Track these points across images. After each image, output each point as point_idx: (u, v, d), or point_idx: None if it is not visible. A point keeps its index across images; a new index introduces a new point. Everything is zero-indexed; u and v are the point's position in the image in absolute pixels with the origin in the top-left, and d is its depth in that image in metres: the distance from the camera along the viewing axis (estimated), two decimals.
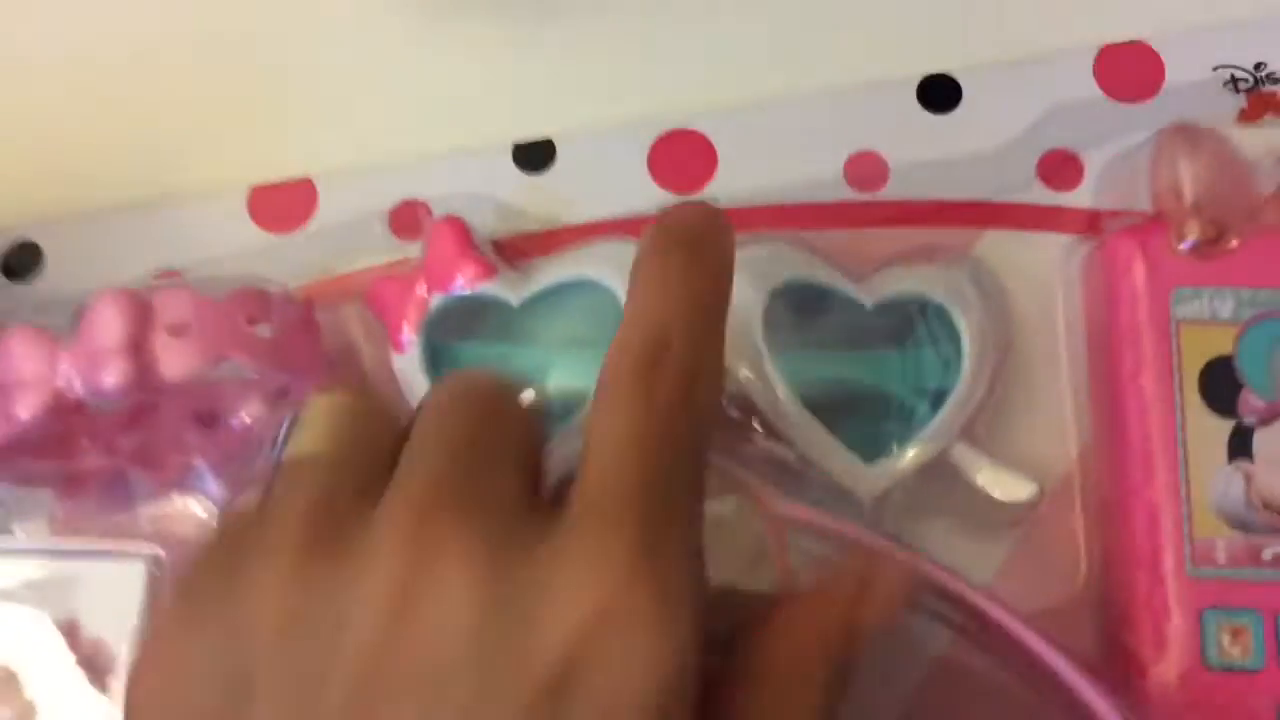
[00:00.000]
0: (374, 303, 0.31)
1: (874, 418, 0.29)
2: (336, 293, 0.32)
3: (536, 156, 0.34)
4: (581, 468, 0.18)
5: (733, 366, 0.28)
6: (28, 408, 0.25)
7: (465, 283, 0.30)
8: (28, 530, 0.31)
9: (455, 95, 0.35)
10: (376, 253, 0.33)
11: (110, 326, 0.26)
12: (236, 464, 0.30)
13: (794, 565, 0.26)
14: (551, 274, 0.30)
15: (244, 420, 0.29)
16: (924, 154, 0.33)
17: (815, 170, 0.33)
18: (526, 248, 0.33)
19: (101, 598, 0.30)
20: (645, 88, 0.35)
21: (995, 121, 0.33)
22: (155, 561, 0.30)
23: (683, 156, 0.34)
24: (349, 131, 0.35)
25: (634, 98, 0.34)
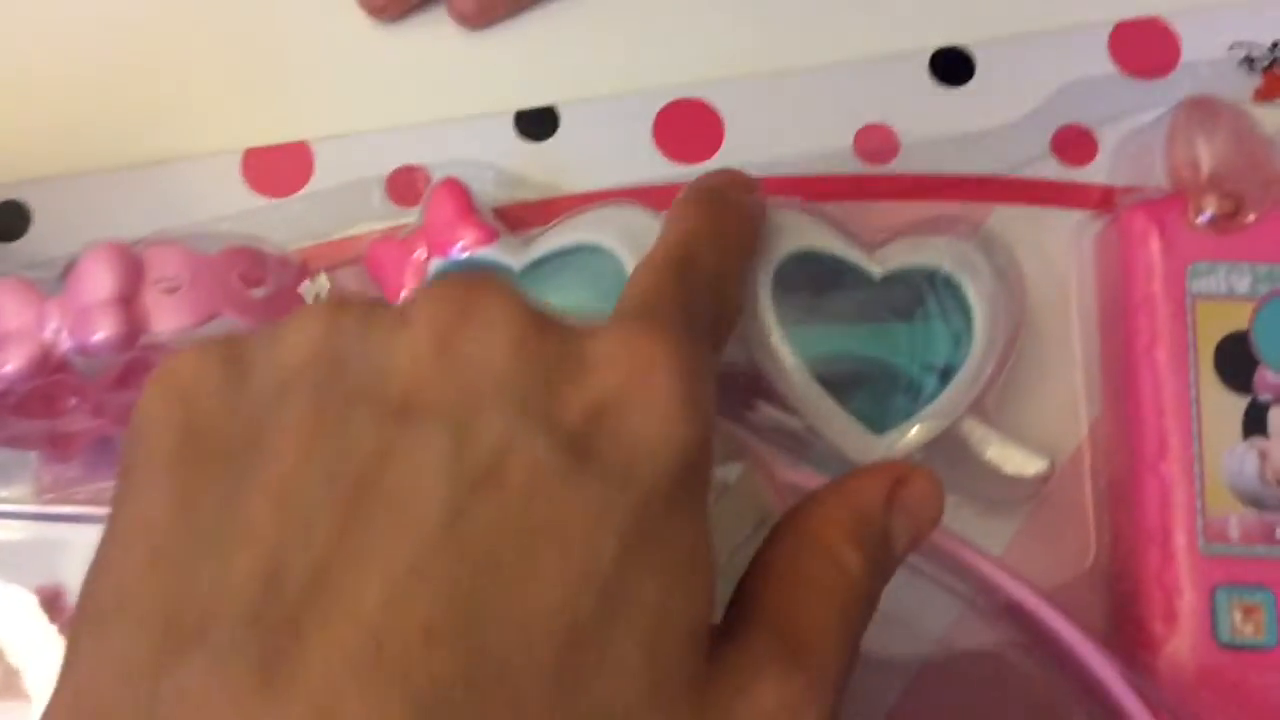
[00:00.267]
0: (372, 266, 0.30)
1: (883, 391, 0.29)
2: (332, 256, 0.32)
3: (539, 124, 0.33)
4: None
5: (741, 336, 0.27)
6: (13, 361, 0.25)
7: (465, 247, 0.29)
8: (14, 494, 0.30)
9: (457, 61, 0.34)
10: (373, 219, 0.32)
11: (100, 281, 0.25)
12: None
13: None
14: (553, 239, 0.29)
15: None
16: (935, 128, 0.33)
17: (824, 142, 0.33)
18: (528, 216, 0.32)
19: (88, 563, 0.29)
20: (651, 56, 0.34)
21: (1008, 96, 0.33)
22: None
23: (689, 126, 0.33)
24: (347, 96, 0.34)
25: (640, 66, 0.34)
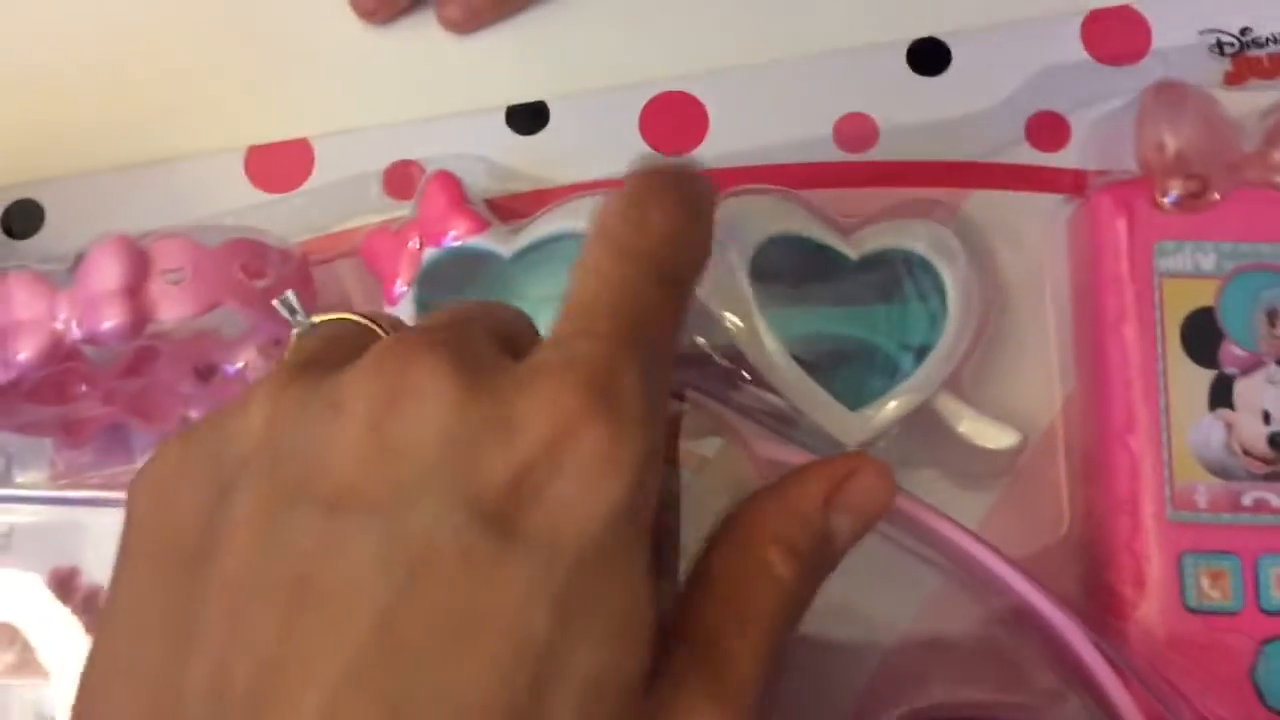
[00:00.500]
0: (368, 256, 0.31)
1: (860, 370, 0.29)
2: (331, 248, 0.33)
3: (530, 119, 0.34)
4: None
5: (721, 317, 0.28)
6: (26, 349, 0.26)
7: (457, 236, 0.30)
8: (30, 479, 0.31)
9: (450, 61, 0.35)
10: (372, 212, 0.33)
11: (108, 271, 0.26)
12: None
13: None
14: (542, 227, 0.30)
15: (239, 370, 0.30)
16: (913, 116, 0.34)
17: (806, 132, 0.34)
18: (519, 208, 0.33)
19: (104, 546, 0.30)
20: (637, 51, 0.35)
21: (983, 84, 0.34)
22: None
23: (675, 119, 0.34)
24: (346, 95, 0.35)
25: (626, 61, 0.35)
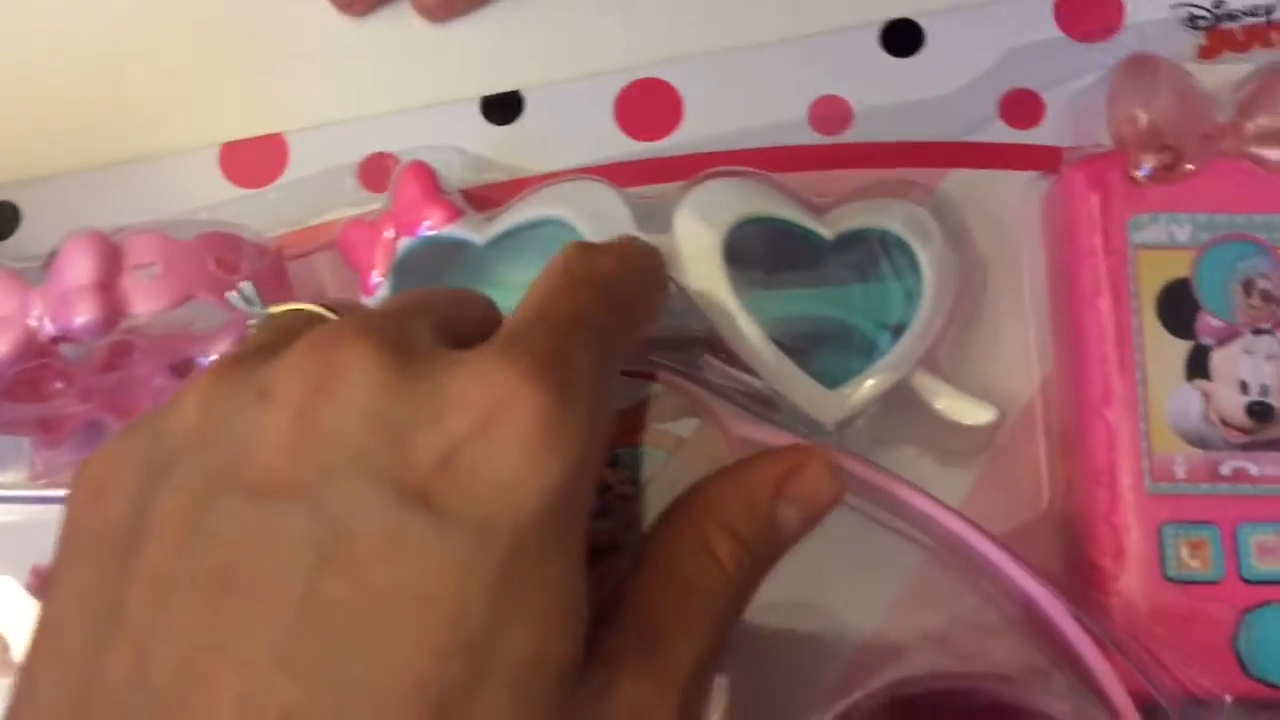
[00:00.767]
0: (344, 248, 0.31)
1: (837, 349, 0.29)
2: (309, 242, 0.33)
3: (504, 109, 0.34)
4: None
5: (696, 299, 0.28)
6: (0, 346, 0.26)
7: (431, 226, 0.30)
8: (9, 479, 0.31)
9: (424, 51, 0.35)
10: (348, 205, 0.33)
11: (80, 267, 0.26)
12: None
13: None
14: (516, 214, 0.30)
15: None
16: (887, 97, 0.34)
17: (780, 115, 0.34)
18: (496, 198, 0.33)
19: None
20: (611, 39, 0.35)
21: (957, 63, 0.34)
22: None
23: (649, 105, 0.34)
24: (319, 88, 0.35)
25: (600, 49, 0.35)
